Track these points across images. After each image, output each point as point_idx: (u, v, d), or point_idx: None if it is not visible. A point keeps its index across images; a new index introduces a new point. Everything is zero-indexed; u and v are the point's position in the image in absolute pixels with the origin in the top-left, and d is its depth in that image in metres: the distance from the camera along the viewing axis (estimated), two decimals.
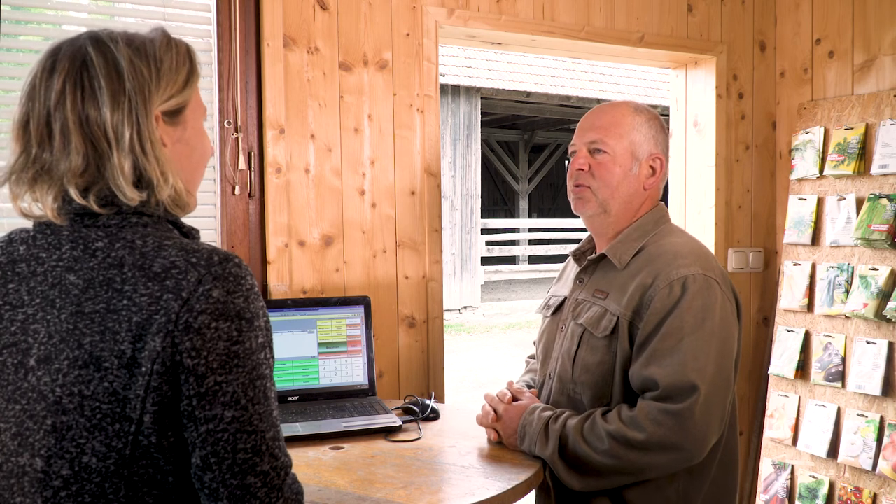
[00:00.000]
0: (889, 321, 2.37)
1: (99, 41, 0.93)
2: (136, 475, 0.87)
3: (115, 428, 0.85)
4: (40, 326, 0.89)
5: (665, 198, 2.43)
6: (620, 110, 1.63)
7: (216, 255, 0.89)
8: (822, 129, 2.66)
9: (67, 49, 0.93)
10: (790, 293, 2.70)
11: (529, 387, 1.79)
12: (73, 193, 0.90)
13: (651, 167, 1.62)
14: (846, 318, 2.51)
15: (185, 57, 0.99)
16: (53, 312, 0.88)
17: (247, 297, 0.89)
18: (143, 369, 0.84)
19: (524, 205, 16.15)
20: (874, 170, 2.47)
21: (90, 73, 0.91)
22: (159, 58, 0.96)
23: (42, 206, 0.92)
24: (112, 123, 0.90)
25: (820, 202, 2.65)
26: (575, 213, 1.68)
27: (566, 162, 1.69)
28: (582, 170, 1.61)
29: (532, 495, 1.62)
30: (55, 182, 0.91)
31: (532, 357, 1.91)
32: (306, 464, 1.50)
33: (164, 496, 0.89)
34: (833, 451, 2.49)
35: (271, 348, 0.93)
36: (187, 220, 2.13)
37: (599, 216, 1.63)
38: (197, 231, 1.03)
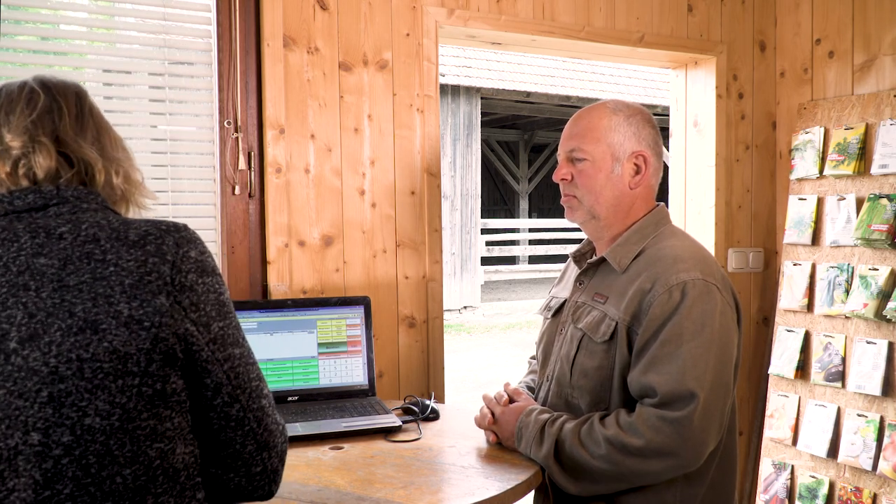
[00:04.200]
0: (889, 321, 2.37)
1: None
2: (139, 428, 0.91)
3: (118, 384, 0.90)
4: (15, 310, 0.91)
5: (665, 198, 2.44)
6: (597, 113, 1.61)
7: (175, 223, 1.01)
8: (822, 129, 2.66)
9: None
10: (790, 293, 2.69)
11: (530, 388, 1.79)
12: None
13: (635, 165, 1.60)
14: (846, 318, 2.51)
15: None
16: (30, 294, 0.91)
17: (211, 257, 1.02)
18: (147, 324, 0.91)
19: (524, 205, 16.15)
20: (874, 170, 2.47)
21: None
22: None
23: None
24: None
25: (820, 202, 2.65)
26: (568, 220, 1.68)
27: None
28: (565, 179, 1.61)
29: (530, 497, 1.62)
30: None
31: (534, 357, 1.91)
32: (306, 464, 1.50)
33: (164, 447, 0.93)
34: (833, 451, 2.49)
35: None
36: (190, 219, 2.14)
37: (590, 222, 1.63)
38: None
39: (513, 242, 13.95)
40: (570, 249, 1.80)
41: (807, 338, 2.63)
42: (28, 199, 0.98)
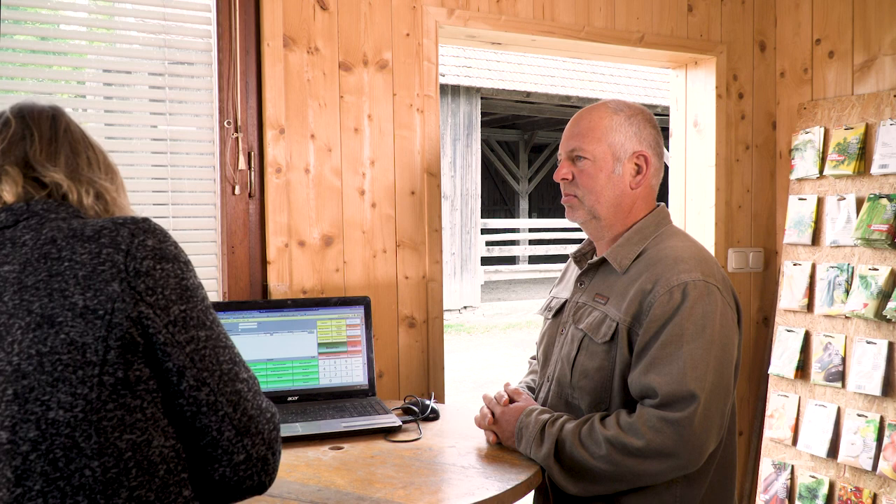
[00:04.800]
0: (889, 321, 2.37)
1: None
2: (105, 419, 0.91)
3: (78, 375, 0.90)
4: None
5: (665, 198, 2.44)
6: (598, 113, 1.61)
7: (135, 216, 1.01)
8: (822, 129, 2.66)
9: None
10: (790, 293, 2.69)
11: (531, 388, 1.79)
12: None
13: (636, 165, 1.60)
14: (846, 318, 2.51)
15: None
16: None
17: (175, 246, 1.00)
18: (101, 312, 0.91)
19: (524, 205, 16.15)
20: (874, 170, 2.47)
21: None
22: None
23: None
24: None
25: (820, 202, 2.65)
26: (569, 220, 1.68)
27: None
28: (566, 179, 1.61)
29: (530, 497, 1.62)
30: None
31: (534, 358, 1.91)
32: (306, 464, 1.50)
33: (135, 439, 0.92)
34: (833, 451, 2.49)
35: None
36: (190, 220, 2.13)
37: (591, 222, 1.63)
38: None
39: (513, 242, 13.95)
40: (570, 249, 1.80)
41: (807, 338, 2.63)
42: (0, 217, 1.00)
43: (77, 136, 1.10)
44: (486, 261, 12.91)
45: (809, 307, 2.64)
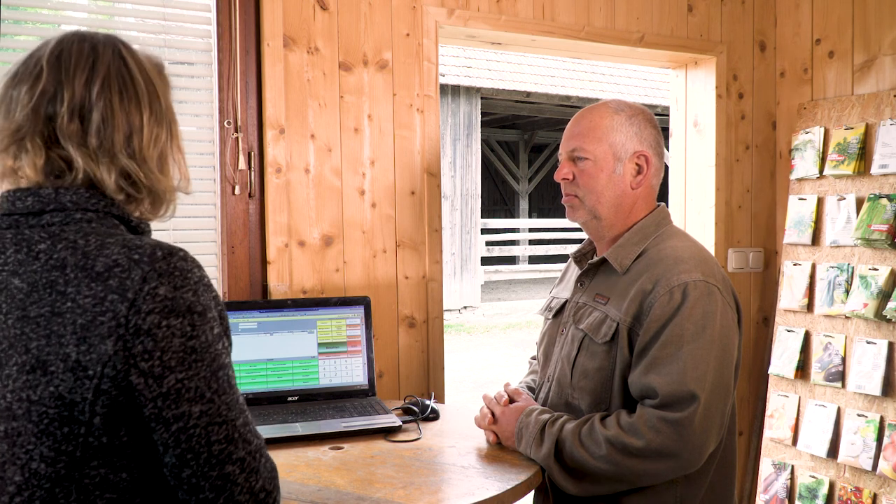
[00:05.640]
0: (889, 321, 2.37)
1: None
2: (87, 477, 0.86)
3: (63, 432, 0.84)
4: None
5: (665, 198, 2.44)
6: (599, 112, 1.61)
7: (160, 249, 0.88)
8: (822, 129, 2.66)
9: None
10: (790, 293, 2.69)
11: (531, 388, 1.79)
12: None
13: (637, 165, 1.60)
14: (846, 318, 2.51)
15: None
16: (0, 318, 0.87)
17: (195, 291, 0.88)
18: (90, 373, 0.83)
19: (524, 205, 16.15)
20: (874, 170, 2.47)
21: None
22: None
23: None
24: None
25: (820, 202, 2.65)
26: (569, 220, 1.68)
27: None
28: (567, 179, 1.61)
29: (530, 497, 1.62)
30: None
31: (535, 358, 1.91)
32: (306, 464, 1.50)
33: (117, 499, 0.87)
34: (833, 451, 2.49)
35: (228, 336, 0.93)
36: (190, 220, 2.14)
37: (591, 222, 1.63)
38: (147, 224, 1.00)
39: (513, 242, 13.95)
40: (570, 249, 1.80)
41: (807, 338, 2.63)
42: (28, 202, 0.91)
43: (113, 91, 0.94)
44: (486, 261, 12.91)
45: (809, 307, 2.64)
